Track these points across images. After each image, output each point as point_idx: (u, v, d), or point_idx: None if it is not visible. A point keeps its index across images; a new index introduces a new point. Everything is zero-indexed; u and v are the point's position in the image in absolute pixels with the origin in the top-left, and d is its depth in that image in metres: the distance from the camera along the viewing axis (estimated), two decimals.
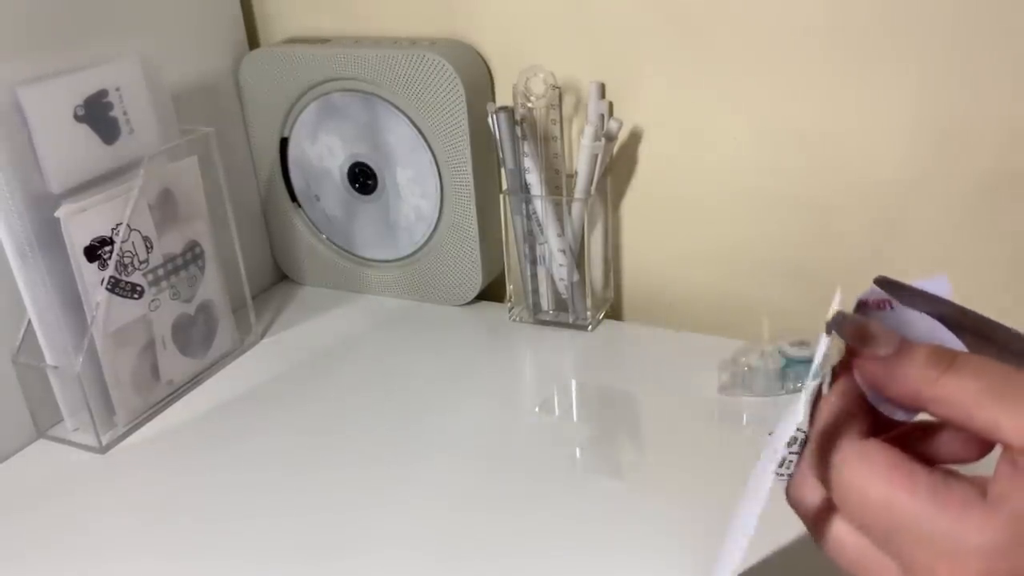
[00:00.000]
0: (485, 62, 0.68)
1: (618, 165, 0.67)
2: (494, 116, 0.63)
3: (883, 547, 0.28)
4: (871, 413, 0.30)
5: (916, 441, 0.31)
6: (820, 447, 0.29)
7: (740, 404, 0.57)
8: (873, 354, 0.28)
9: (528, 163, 0.64)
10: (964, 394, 0.26)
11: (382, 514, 0.50)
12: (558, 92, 0.63)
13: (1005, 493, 0.26)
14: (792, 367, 0.57)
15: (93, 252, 0.55)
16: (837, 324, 0.29)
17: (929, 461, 0.28)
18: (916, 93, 0.57)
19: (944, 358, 0.27)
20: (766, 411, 0.56)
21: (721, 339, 0.65)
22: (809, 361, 0.43)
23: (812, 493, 0.30)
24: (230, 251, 0.66)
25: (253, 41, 0.75)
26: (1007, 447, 0.26)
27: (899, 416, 0.30)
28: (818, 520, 0.30)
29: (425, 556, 0.47)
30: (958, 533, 0.26)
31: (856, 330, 0.29)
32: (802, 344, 0.57)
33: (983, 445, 0.29)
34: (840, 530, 0.30)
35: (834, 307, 0.30)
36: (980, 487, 0.27)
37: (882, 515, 0.27)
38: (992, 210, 0.58)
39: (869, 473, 0.28)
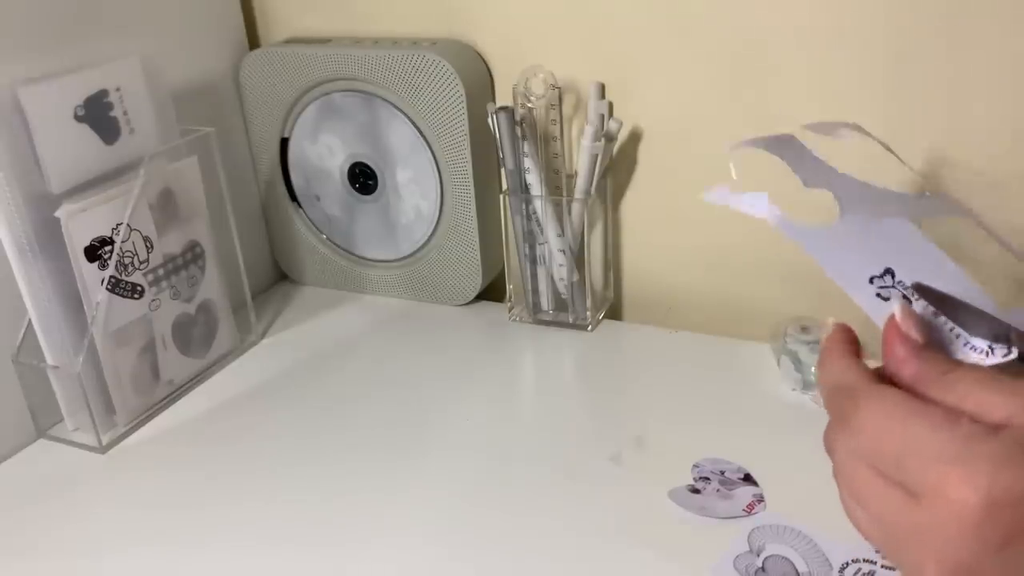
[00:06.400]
0: (485, 62, 0.68)
1: (618, 165, 0.68)
2: (494, 116, 0.63)
3: (893, 473, 0.30)
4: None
5: None
6: (837, 393, 0.33)
7: (738, 403, 0.57)
8: (904, 337, 0.33)
9: (528, 163, 0.64)
10: (962, 382, 0.31)
11: (382, 513, 0.50)
12: (558, 92, 0.63)
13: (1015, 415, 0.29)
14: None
15: (93, 252, 0.55)
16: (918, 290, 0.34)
17: None
18: (916, 96, 0.57)
19: (953, 360, 0.32)
20: (764, 410, 0.57)
21: (721, 339, 0.65)
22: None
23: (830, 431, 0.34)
24: (230, 251, 0.66)
25: (253, 41, 0.75)
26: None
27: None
28: (832, 448, 0.34)
29: (424, 554, 0.47)
30: (969, 443, 0.29)
31: (909, 316, 0.33)
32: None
33: None
34: (852, 467, 0.32)
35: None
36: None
37: (896, 439, 0.30)
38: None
39: (884, 406, 0.31)
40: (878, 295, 0.35)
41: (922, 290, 0.34)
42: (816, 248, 0.36)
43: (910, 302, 0.34)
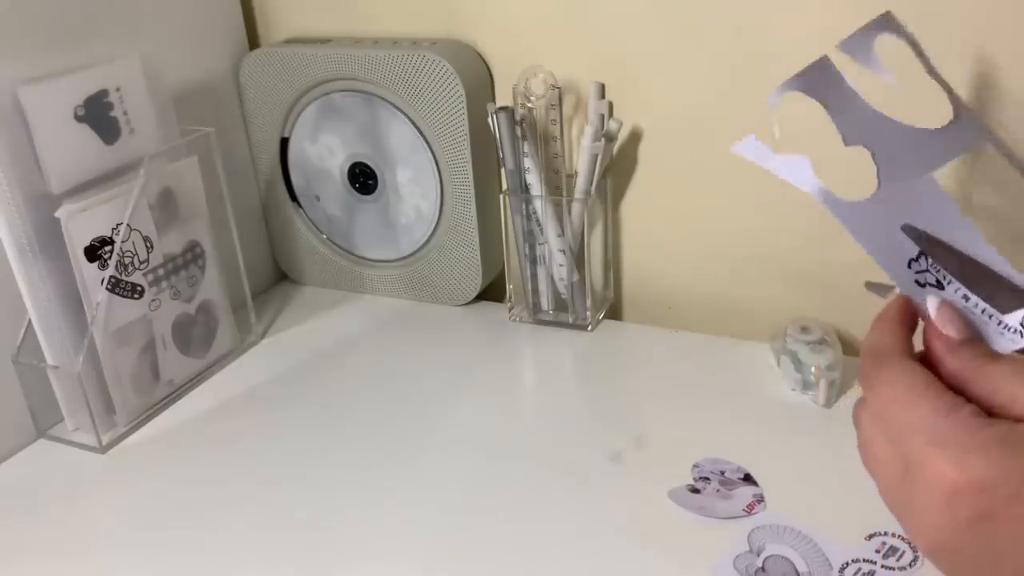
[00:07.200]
0: (485, 62, 0.68)
1: (618, 165, 0.68)
2: (494, 116, 0.63)
3: (897, 444, 0.33)
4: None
5: None
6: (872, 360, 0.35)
7: (738, 403, 0.57)
8: (941, 332, 0.34)
9: (528, 163, 0.64)
10: (996, 375, 0.32)
11: (382, 513, 0.50)
12: (558, 92, 0.63)
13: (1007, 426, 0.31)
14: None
15: (93, 252, 0.55)
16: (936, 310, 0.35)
17: None
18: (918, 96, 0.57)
19: (992, 352, 0.34)
20: (764, 410, 0.57)
21: (721, 339, 0.65)
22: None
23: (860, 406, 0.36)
24: (230, 251, 0.66)
25: (253, 41, 0.75)
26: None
27: None
28: (858, 418, 0.36)
29: (425, 554, 0.47)
30: (958, 431, 0.31)
31: (944, 313, 0.35)
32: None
33: None
34: (870, 429, 0.35)
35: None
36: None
37: (904, 415, 0.32)
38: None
39: (902, 379, 0.33)
40: (916, 281, 0.35)
41: (931, 243, 0.35)
42: (857, 227, 0.36)
43: (942, 287, 0.35)
